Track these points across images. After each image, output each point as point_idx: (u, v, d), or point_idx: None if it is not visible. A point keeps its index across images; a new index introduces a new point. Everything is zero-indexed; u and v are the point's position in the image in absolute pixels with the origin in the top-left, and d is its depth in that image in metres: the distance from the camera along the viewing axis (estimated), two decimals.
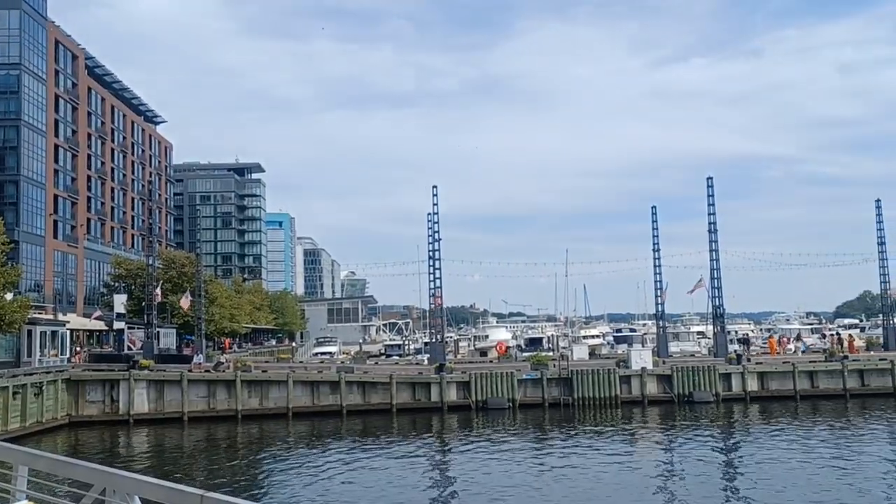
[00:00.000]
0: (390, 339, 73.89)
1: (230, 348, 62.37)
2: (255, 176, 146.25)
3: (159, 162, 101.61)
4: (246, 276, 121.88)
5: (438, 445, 27.08)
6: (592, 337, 71.73)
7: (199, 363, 39.20)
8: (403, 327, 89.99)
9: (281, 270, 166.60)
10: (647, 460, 23.29)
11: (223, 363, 38.00)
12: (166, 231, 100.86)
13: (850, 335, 53.25)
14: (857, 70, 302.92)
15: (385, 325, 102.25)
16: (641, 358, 37.53)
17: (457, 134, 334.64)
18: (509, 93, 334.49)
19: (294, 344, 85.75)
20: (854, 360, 38.16)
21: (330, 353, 61.16)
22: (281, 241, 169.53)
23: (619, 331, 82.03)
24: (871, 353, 44.96)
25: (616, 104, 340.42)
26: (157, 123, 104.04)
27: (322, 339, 74.38)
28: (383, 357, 57.55)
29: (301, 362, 49.19)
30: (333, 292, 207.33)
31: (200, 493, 4.40)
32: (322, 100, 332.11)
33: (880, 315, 54.80)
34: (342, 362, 46.81)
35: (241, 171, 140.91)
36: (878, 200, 49.76)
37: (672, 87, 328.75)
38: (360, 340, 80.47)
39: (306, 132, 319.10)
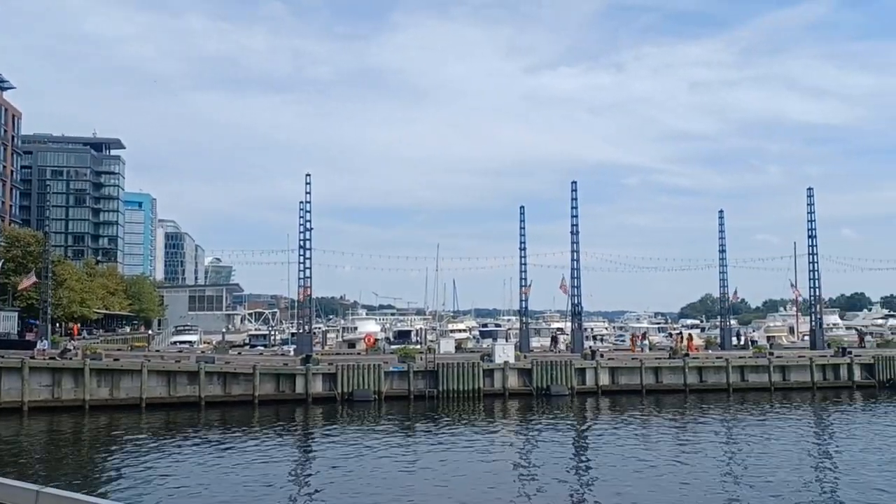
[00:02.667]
0: (256, 329, 72.05)
1: (79, 335, 58.29)
2: (114, 152, 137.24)
3: (5, 131, 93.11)
4: (100, 258, 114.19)
5: (301, 438, 26.78)
6: (459, 331, 73.37)
7: (44, 349, 36.46)
8: (270, 317, 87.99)
9: (139, 254, 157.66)
10: (504, 450, 24.21)
11: (71, 350, 35.49)
12: (10, 206, 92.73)
13: (689, 334, 57.76)
14: (708, 89, 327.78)
15: (251, 314, 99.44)
16: (504, 352, 38.86)
17: (336, 123, 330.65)
18: (390, 86, 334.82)
19: (151, 332, 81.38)
20: (694, 358, 41.46)
21: (190, 342, 58.91)
22: (140, 223, 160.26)
23: (484, 326, 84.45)
24: (710, 351, 49.04)
25: (494, 105, 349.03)
26: (3, 89, 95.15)
27: (181, 328, 71.37)
28: (247, 347, 56.08)
29: (158, 351, 46.89)
30: (196, 279, 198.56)
31: (37, 489, 4.19)
32: (194, 78, 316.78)
33: (719, 317, 59.67)
34: (203, 352, 45.17)
35: (98, 146, 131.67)
36: (721, 211, 54.26)
37: (545, 92, 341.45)
38: (224, 329, 77.88)
39: (176, 111, 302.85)
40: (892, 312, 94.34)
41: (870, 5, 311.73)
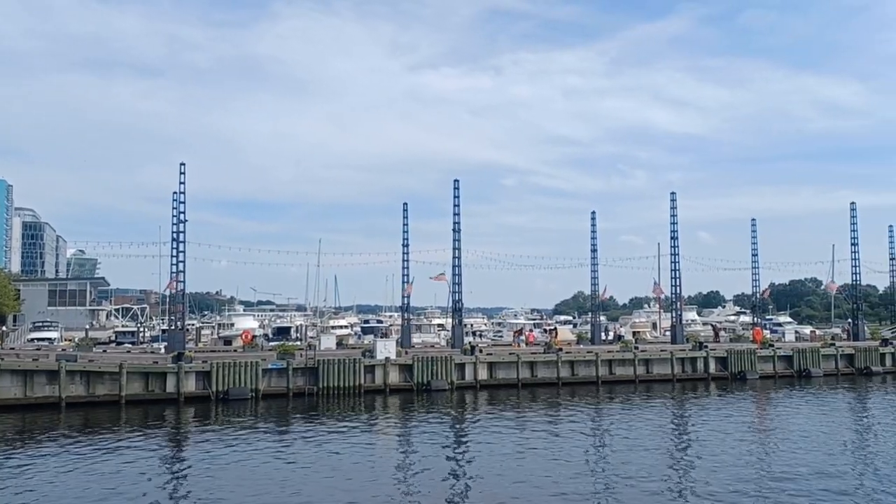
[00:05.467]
0: (123, 326, 68.20)
1: None
2: None
3: None
4: None
5: (172, 439, 25.71)
6: (341, 327, 72.84)
7: None
8: (139, 313, 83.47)
9: None
10: (384, 446, 24.40)
11: None
12: None
13: (555, 328, 60.48)
14: (581, 96, 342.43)
15: (118, 309, 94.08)
16: (386, 348, 39.06)
17: (214, 113, 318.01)
18: (270, 77, 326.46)
19: (5, 328, 75.08)
20: (567, 353, 43.38)
21: (49, 339, 55.21)
22: None
23: (366, 322, 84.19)
24: (581, 346, 51.45)
25: (377, 101, 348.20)
26: None
27: (40, 324, 66.40)
28: (114, 345, 53.11)
29: (13, 349, 43.44)
30: (57, 272, 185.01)
31: None
32: (58, 59, 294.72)
33: (590, 313, 62.67)
34: (64, 349, 42.40)
35: None
36: (593, 213, 57.03)
37: (427, 91, 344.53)
38: (87, 326, 73.20)
39: (38, 93, 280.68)
40: (743, 309, 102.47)
41: (726, 23, 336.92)
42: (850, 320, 64.51)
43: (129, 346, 51.84)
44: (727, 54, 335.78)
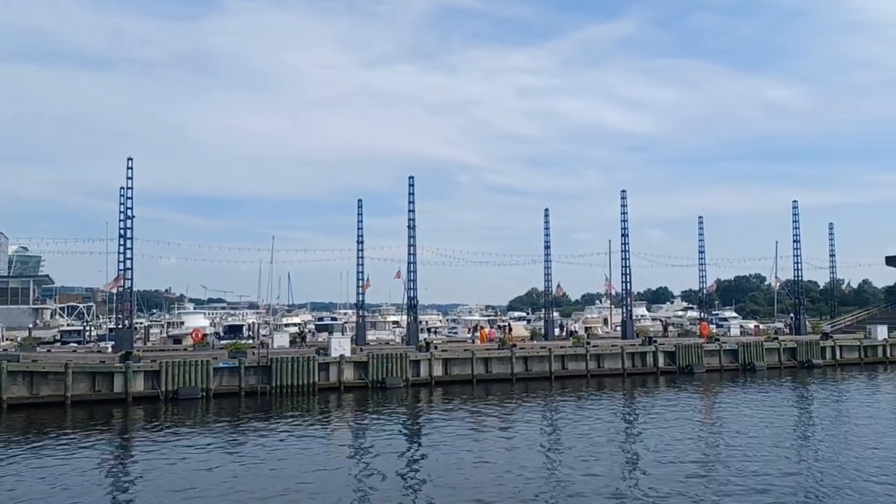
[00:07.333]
0: (68, 325, 66.24)
1: None
2: None
3: None
4: None
5: (119, 440, 25.14)
6: (294, 325, 72.17)
7: None
8: (85, 311, 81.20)
9: None
10: (338, 444, 24.31)
11: None
12: None
13: (508, 324, 61.12)
14: (534, 95, 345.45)
15: (63, 308, 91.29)
16: (340, 346, 38.87)
17: (163, 107, 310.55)
18: (222, 72, 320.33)
19: None
20: (521, 349, 43.83)
21: None
22: None
23: (321, 319, 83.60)
24: (534, 342, 52.00)
25: (331, 97, 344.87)
26: None
27: None
28: (59, 344, 51.63)
29: None
30: None
31: None
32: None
33: (543, 309, 63.37)
34: (5, 349, 41.07)
35: None
36: (546, 210, 57.59)
37: (382, 88, 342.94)
38: (31, 325, 70.85)
39: None
40: (690, 305, 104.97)
41: (674, 26, 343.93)
42: (792, 315, 66.72)
43: (75, 345, 50.46)
44: (676, 56, 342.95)
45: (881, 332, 53.90)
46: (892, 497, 16.29)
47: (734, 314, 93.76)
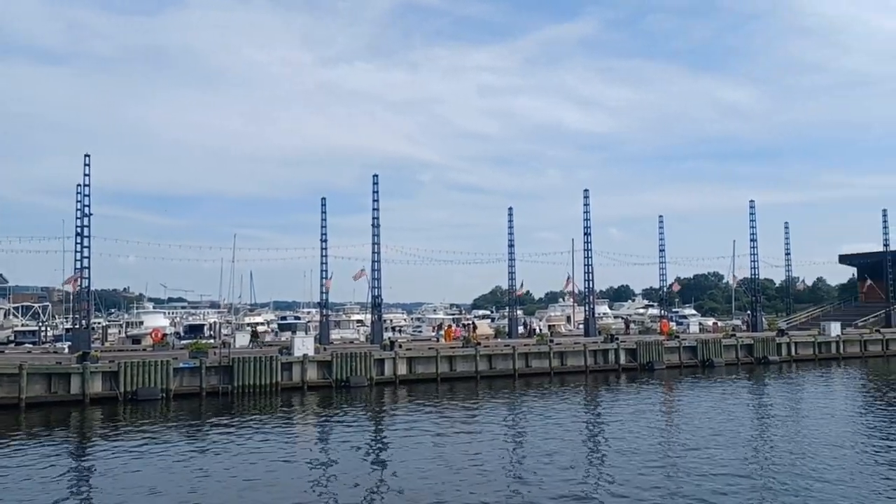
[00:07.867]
0: (23, 325, 64.56)
1: None
2: None
3: None
4: None
5: (76, 442, 24.62)
6: (257, 324, 71.47)
7: None
8: (41, 311, 79.21)
9: None
10: (301, 445, 24.13)
11: None
12: None
13: (473, 323, 61.40)
14: (494, 94, 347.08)
15: (17, 308, 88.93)
16: (304, 345, 38.59)
17: (120, 103, 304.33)
18: (181, 68, 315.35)
19: None
20: (485, 347, 44.06)
21: None
22: None
23: (283, 318, 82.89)
24: (498, 340, 52.33)
25: (292, 94, 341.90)
26: None
27: None
28: (13, 345, 50.36)
29: None
30: None
31: None
32: None
33: (507, 308, 63.78)
34: None
35: None
36: (510, 209, 57.97)
37: (343, 85, 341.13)
38: None
39: None
40: (651, 303, 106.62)
41: (631, 27, 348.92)
42: (749, 312, 68.27)
43: (31, 346, 49.30)
44: (633, 56, 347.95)
45: (835, 328, 55.43)
46: (845, 490, 16.82)
47: (693, 312, 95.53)
